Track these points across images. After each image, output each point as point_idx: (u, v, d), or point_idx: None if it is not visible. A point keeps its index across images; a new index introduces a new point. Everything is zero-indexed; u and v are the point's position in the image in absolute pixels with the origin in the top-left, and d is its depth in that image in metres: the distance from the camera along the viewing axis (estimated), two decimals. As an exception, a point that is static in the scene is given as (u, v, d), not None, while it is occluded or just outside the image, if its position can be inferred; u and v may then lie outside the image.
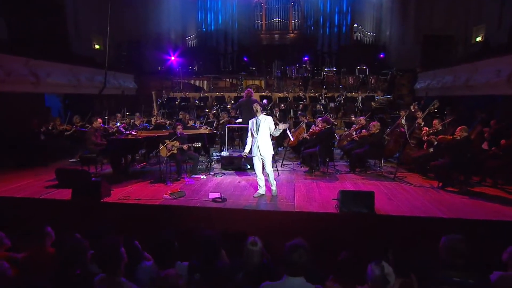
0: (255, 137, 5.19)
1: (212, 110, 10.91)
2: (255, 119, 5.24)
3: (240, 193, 5.57)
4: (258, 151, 5.16)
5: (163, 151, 6.33)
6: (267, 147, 5.17)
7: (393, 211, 4.66)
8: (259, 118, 5.19)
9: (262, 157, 5.17)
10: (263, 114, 5.26)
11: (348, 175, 6.83)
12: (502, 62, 6.88)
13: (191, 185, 6.09)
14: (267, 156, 5.19)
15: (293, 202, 5.10)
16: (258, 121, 5.18)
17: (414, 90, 11.02)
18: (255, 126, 5.19)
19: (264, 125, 5.15)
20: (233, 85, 14.77)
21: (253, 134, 5.22)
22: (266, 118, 5.20)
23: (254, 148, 5.22)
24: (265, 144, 5.15)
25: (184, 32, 17.76)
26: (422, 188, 5.80)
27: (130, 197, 5.25)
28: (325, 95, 12.73)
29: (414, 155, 6.57)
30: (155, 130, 7.95)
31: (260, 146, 5.13)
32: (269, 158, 5.23)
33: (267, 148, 5.16)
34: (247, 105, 7.16)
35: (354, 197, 4.64)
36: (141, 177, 6.62)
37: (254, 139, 5.23)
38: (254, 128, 5.21)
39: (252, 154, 5.27)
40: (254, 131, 5.21)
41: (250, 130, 5.29)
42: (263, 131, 5.15)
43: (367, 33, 16.60)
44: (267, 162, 5.23)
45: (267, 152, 5.16)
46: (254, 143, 5.22)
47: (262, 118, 5.18)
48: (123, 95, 13.57)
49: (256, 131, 5.16)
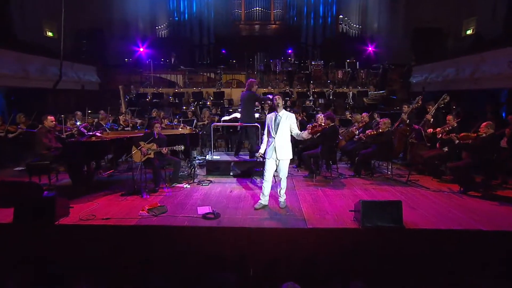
0: (272, 136, 4.48)
1: (190, 108, 9.98)
2: (274, 115, 4.51)
3: (235, 206, 4.78)
4: (274, 153, 4.45)
5: (136, 155, 5.39)
6: (286, 149, 4.49)
7: (422, 223, 4.09)
8: (279, 114, 4.45)
9: (279, 160, 4.48)
10: (285, 110, 4.52)
11: (354, 179, 6.26)
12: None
13: (172, 197, 5.21)
14: (285, 160, 4.51)
15: (301, 216, 4.40)
16: (278, 117, 4.45)
17: (410, 85, 10.77)
18: (273, 123, 4.47)
19: (285, 124, 4.44)
20: (211, 80, 13.88)
21: (270, 132, 4.50)
22: (288, 115, 4.49)
23: (269, 149, 4.51)
24: (284, 145, 4.46)
25: (154, 21, 16.58)
26: (441, 193, 5.33)
27: (95, 216, 4.28)
28: (313, 90, 12.22)
29: (426, 155, 6.10)
30: (124, 131, 6.94)
31: (277, 148, 4.43)
32: (287, 163, 4.54)
33: (286, 151, 4.48)
34: (245, 99, 6.33)
35: (378, 208, 4.01)
36: (109, 188, 5.62)
37: (270, 138, 4.51)
38: (272, 125, 4.48)
39: (266, 156, 4.55)
40: (272, 129, 4.48)
41: (267, 127, 4.57)
42: (283, 130, 4.45)
43: (353, 25, 16.34)
44: (284, 167, 4.54)
45: (285, 155, 4.48)
46: (270, 144, 4.51)
47: (283, 115, 4.46)
48: (84, 90, 12.23)
49: (275, 129, 4.45)
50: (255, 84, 6.35)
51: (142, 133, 6.25)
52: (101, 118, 7.12)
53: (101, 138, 5.74)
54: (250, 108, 6.52)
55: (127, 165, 7.05)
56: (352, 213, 4.29)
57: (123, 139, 5.76)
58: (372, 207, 4.01)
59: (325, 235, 3.98)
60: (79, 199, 4.96)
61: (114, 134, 6.29)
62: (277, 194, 4.77)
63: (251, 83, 6.32)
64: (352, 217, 4.26)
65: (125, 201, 4.96)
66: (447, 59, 8.97)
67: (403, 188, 5.66)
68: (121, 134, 6.26)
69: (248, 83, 6.39)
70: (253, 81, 6.37)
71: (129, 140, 5.73)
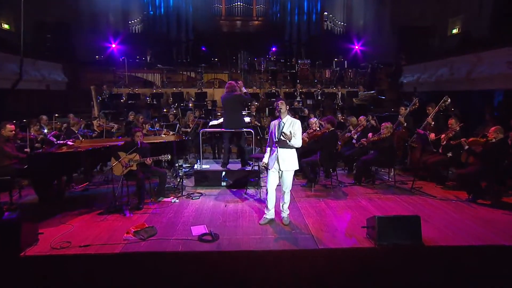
0: (276, 145, 4.14)
1: (171, 110, 9.42)
2: (278, 122, 4.20)
3: (234, 224, 4.40)
4: (277, 163, 4.14)
5: (117, 168, 4.88)
6: (291, 159, 4.18)
7: (441, 239, 3.90)
8: (283, 121, 4.14)
9: (282, 171, 4.18)
10: (290, 116, 4.19)
11: (355, 188, 6.04)
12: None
13: (160, 214, 4.74)
14: (289, 171, 4.22)
15: (308, 233, 4.09)
16: (282, 124, 4.13)
17: (402, 85, 10.74)
18: (277, 130, 4.16)
19: (288, 129, 4.11)
20: (191, 79, 13.33)
21: (272, 140, 4.22)
22: (292, 121, 4.18)
23: (271, 160, 4.21)
24: (288, 155, 4.16)
25: (126, 15, 15.73)
26: (449, 202, 5.21)
27: (71, 244, 3.75)
28: (300, 91, 12.01)
29: (429, 161, 5.97)
30: (100, 139, 6.36)
31: (280, 158, 4.12)
32: (291, 175, 4.24)
33: (290, 161, 4.17)
34: (230, 103, 5.95)
35: (395, 224, 3.78)
36: (84, 205, 5.06)
37: (273, 147, 4.19)
38: (275, 132, 4.18)
39: (269, 167, 4.24)
40: (275, 137, 4.16)
41: (270, 135, 4.26)
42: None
43: (338, 22, 16.29)
44: (288, 179, 4.23)
45: (289, 166, 4.18)
46: (272, 153, 4.19)
47: (287, 121, 4.14)
48: (49, 91, 11.33)
49: (278, 137, 4.10)
50: (237, 85, 5.99)
51: (121, 141, 5.74)
52: (72, 123, 6.46)
53: (74, 148, 5.17)
54: (238, 112, 6.18)
55: (103, 176, 6.47)
56: (365, 229, 4.05)
57: (100, 149, 5.20)
58: (388, 223, 3.77)
59: (338, 256, 3.69)
60: (49, 221, 4.40)
61: (89, 143, 5.71)
62: (279, 209, 4.45)
63: (233, 85, 5.97)
64: (364, 234, 4.01)
65: (105, 222, 4.44)
66: (440, 58, 9.00)
67: (408, 197, 5.49)
68: (97, 143, 5.68)
69: (230, 85, 5.99)
70: (233, 83, 6.02)
71: (107, 149, 5.19)
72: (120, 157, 4.88)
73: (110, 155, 5.03)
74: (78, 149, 5.08)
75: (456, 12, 11.76)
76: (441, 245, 3.73)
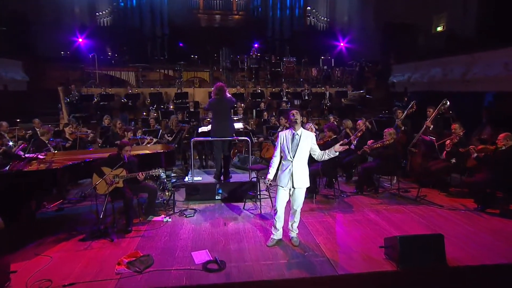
0: (289, 159, 3.87)
1: (151, 113, 8.88)
2: (291, 133, 3.89)
3: (239, 247, 4.09)
4: (290, 181, 3.86)
5: (101, 186, 4.41)
6: (305, 175, 3.93)
7: (464, 257, 3.79)
8: (297, 133, 3.85)
9: (295, 189, 3.91)
10: (303, 128, 3.92)
11: (358, 198, 5.91)
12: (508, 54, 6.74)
13: (154, 237, 4.34)
14: (302, 189, 3.96)
15: (323, 255, 3.87)
16: (296, 137, 3.85)
17: (392, 85, 10.78)
18: (290, 143, 3.86)
19: (305, 144, 3.87)
20: (168, 78, 12.75)
21: (286, 155, 3.89)
22: (308, 134, 3.91)
23: (283, 176, 3.90)
24: (302, 171, 3.91)
25: (93, 6, 14.85)
26: (458, 211, 5.18)
27: (52, 283, 3.30)
28: (286, 90, 11.81)
29: (433, 168, 5.94)
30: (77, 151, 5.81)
31: (295, 174, 3.85)
32: (303, 192, 3.99)
33: (304, 178, 3.93)
34: (220, 107, 5.59)
35: (418, 245, 3.63)
36: (61, 229, 4.56)
37: (285, 162, 3.91)
38: (288, 146, 3.87)
39: (279, 184, 3.93)
40: (288, 150, 3.87)
41: (281, 148, 3.94)
42: (302, 152, 3.87)
43: (321, 17, 16.26)
44: (300, 197, 3.99)
45: (303, 183, 3.93)
46: (285, 168, 3.89)
47: (302, 134, 3.86)
48: (7, 92, 10.40)
49: (292, 151, 3.85)
50: (225, 89, 5.63)
51: (101, 153, 5.26)
52: (42, 132, 5.83)
53: (48, 164, 4.63)
54: (229, 118, 5.91)
55: (79, 191, 5.92)
56: (382, 249, 3.88)
57: (79, 164, 4.68)
58: (410, 244, 3.62)
59: (360, 282, 3.49)
60: (21, 253, 3.90)
61: (64, 156, 5.16)
62: (286, 227, 4.21)
63: (222, 88, 5.58)
64: (382, 254, 3.84)
65: (90, 250, 3.98)
66: (431, 58, 9.08)
67: (415, 207, 5.42)
68: (74, 156, 5.15)
69: (219, 88, 5.56)
70: (222, 85, 5.64)
71: (88, 165, 4.69)
72: (104, 173, 4.42)
73: (92, 171, 4.54)
74: (53, 166, 4.55)
75: (440, 9, 11.94)
76: (467, 265, 3.62)
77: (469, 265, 3.63)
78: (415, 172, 6.62)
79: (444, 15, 12.23)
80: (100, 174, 4.45)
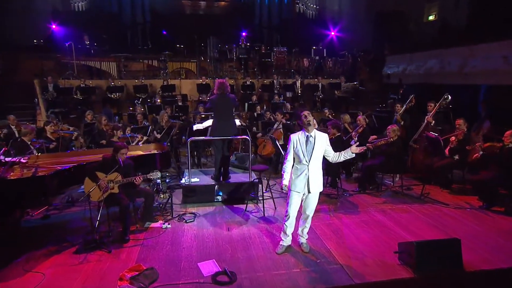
0: (304, 163, 3.74)
1: (138, 108, 8.52)
2: (304, 136, 3.74)
3: (247, 255, 3.97)
4: (306, 186, 3.75)
5: (94, 193, 4.17)
6: (320, 179, 3.84)
7: (478, 261, 3.80)
8: (311, 135, 3.70)
9: (309, 193, 3.81)
10: (316, 129, 3.79)
11: (361, 196, 5.91)
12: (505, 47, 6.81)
13: (154, 247, 4.15)
14: (317, 193, 3.88)
15: (336, 262, 3.81)
16: (310, 139, 3.71)
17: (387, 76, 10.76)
18: (304, 146, 3.72)
19: (319, 147, 3.74)
20: (152, 68, 12.31)
21: (301, 159, 3.75)
22: (322, 136, 3.78)
23: (299, 181, 3.77)
24: (318, 175, 3.81)
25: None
26: (464, 210, 5.25)
27: (50, 303, 3.09)
28: (277, 81, 11.66)
29: (436, 165, 5.98)
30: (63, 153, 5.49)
31: (311, 179, 3.74)
32: (317, 197, 3.90)
33: (319, 182, 3.84)
34: (224, 107, 5.40)
35: (434, 250, 3.62)
36: (50, 240, 4.30)
37: (301, 166, 3.77)
38: (303, 149, 3.73)
39: (295, 189, 3.80)
40: (303, 154, 3.72)
41: (294, 151, 3.79)
42: (317, 156, 3.75)
43: (310, 5, 16.07)
44: (314, 202, 3.90)
45: (319, 187, 3.84)
46: (300, 173, 3.76)
47: (316, 136, 3.73)
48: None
49: (308, 155, 3.71)
50: (227, 85, 5.52)
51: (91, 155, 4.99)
52: (24, 132, 5.41)
53: (33, 170, 4.33)
54: (232, 117, 5.76)
55: (66, 196, 5.62)
56: (395, 254, 3.86)
57: (69, 169, 4.40)
58: (427, 249, 3.60)
59: (377, 290, 3.45)
60: (9, 271, 3.64)
61: (50, 159, 4.84)
62: (297, 233, 4.13)
63: (225, 85, 5.47)
64: (396, 259, 3.83)
65: (86, 264, 3.76)
66: (428, 49, 9.10)
67: (420, 206, 5.45)
68: (62, 159, 4.84)
69: (222, 85, 5.44)
70: (225, 82, 5.53)
71: (80, 169, 4.42)
72: (98, 178, 4.18)
73: (83, 176, 4.28)
74: (40, 171, 4.25)
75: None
76: (484, 269, 3.64)
77: (485, 269, 3.65)
78: (417, 169, 6.67)
79: (436, 3, 12.31)
80: (93, 179, 4.21)
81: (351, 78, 12.07)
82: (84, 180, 4.24)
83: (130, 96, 10.78)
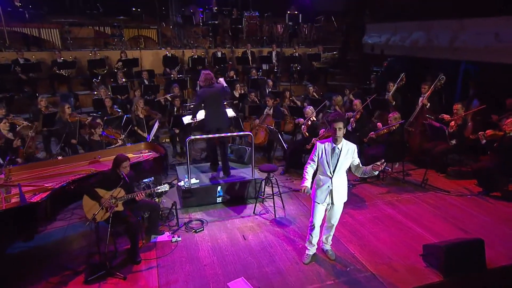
0: (328, 175, 3.83)
1: (102, 91, 7.81)
2: (330, 147, 3.78)
3: (275, 268, 4.10)
4: (329, 197, 3.88)
5: (98, 213, 3.96)
6: (344, 190, 3.98)
7: (495, 257, 4.27)
8: (337, 147, 3.75)
9: (333, 205, 3.96)
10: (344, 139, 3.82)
11: (364, 187, 6.30)
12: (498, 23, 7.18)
13: (172, 266, 4.11)
14: (341, 204, 4.03)
15: (365, 269, 4.09)
16: (337, 150, 3.76)
17: (371, 47, 10.88)
18: (329, 158, 3.77)
19: (346, 159, 3.80)
20: (101, 35, 11.33)
21: (324, 169, 3.83)
22: (349, 147, 3.82)
23: (320, 192, 3.90)
24: (342, 186, 3.94)
25: None
26: (465, 197, 5.82)
27: None
28: (250, 50, 11.43)
29: (434, 150, 6.44)
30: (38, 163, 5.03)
31: (335, 191, 3.87)
32: (342, 207, 4.07)
33: (344, 193, 3.98)
34: (212, 98, 5.44)
35: (461, 252, 4.02)
36: (46, 268, 4.06)
37: (324, 177, 3.87)
38: (328, 160, 3.79)
39: (317, 201, 3.94)
40: (328, 165, 3.79)
41: (319, 160, 3.87)
42: (343, 168, 3.84)
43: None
44: (338, 212, 4.07)
45: (343, 198, 3.99)
46: (323, 184, 3.87)
47: (344, 147, 3.77)
48: None
49: (332, 166, 3.79)
50: (213, 76, 5.61)
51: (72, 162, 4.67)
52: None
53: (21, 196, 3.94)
54: (223, 109, 5.86)
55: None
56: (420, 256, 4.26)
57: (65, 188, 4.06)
58: (454, 252, 3.99)
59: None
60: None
61: (27, 173, 4.41)
62: (321, 241, 4.33)
63: (211, 76, 5.57)
64: (421, 262, 4.20)
65: (100, 295, 3.65)
66: (414, 20, 9.22)
67: (424, 194, 5.95)
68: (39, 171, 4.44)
69: (208, 76, 5.51)
70: (211, 73, 5.62)
71: (75, 187, 4.13)
72: (100, 196, 3.96)
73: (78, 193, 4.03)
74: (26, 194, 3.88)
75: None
76: (504, 265, 4.14)
77: (505, 266, 4.15)
78: (413, 152, 7.12)
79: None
80: (93, 198, 3.98)
81: (329, 47, 12.15)
82: (82, 199, 4.00)
83: (82, 72, 9.94)
